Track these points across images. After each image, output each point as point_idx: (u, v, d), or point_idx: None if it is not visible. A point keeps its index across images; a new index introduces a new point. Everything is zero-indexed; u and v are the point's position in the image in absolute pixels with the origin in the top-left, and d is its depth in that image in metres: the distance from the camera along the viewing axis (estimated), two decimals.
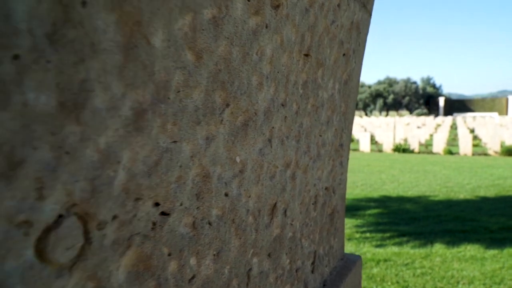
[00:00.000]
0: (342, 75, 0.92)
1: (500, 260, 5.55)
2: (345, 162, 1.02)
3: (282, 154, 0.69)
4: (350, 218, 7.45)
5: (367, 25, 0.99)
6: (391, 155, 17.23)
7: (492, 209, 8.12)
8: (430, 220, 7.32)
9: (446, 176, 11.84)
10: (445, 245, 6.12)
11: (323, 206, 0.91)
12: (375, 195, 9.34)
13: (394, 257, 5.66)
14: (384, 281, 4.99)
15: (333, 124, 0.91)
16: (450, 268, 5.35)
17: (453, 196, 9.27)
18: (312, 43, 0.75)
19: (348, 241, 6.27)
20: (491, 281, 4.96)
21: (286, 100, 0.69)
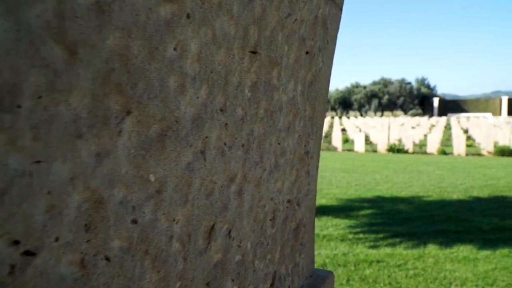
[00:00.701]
0: (305, 76, 0.81)
1: (493, 261, 5.47)
2: (313, 170, 0.91)
3: (222, 167, 0.59)
4: (344, 218, 7.37)
5: (336, 21, 0.89)
6: (386, 155, 17.15)
7: (485, 209, 8.04)
8: (423, 221, 7.24)
9: (440, 176, 11.77)
10: (438, 245, 6.03)
11: (285, 221, 0.81)
12: (369, 195, 9.26)
13: (387, 258, 5.57)
14: (377, 282, 4.90)
15: (295, 130, 0.81)
16: (443, 269, 5.26)
17: (446, 196, 9.19)
18: (260, 38, 0.65)
19: (342, 242, 6.18)
20: (483, 282, 4.88)
21: (226, 105, 0.58)
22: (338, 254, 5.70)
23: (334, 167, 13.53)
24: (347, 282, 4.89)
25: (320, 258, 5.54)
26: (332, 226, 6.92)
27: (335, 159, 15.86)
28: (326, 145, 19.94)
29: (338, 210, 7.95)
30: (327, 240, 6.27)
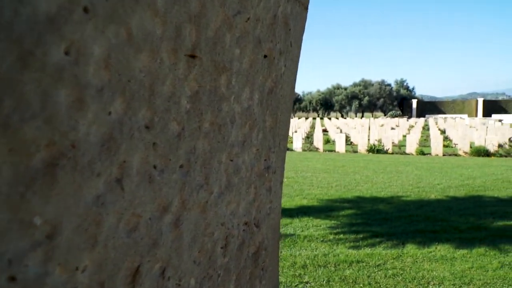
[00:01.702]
0: (264, 82, 0.70)
1: (469, 260, 5.46)
2: (277, 186, 0.80)
3: (151, 196, 0.48)
4: (324, 219, 7.31)
5: (301, 21, 0.78)
6: (366, 155, 17.20)
7: (461, 209, 8.08)
8: (402, 221, 7.22)
9: (418, 176, 11.82)
10: (416, 245, 6.01)
11: (241, 247, 0.70)
12: (349, 195, 9.23)
13: (366, 258, 5.52)
14: (357, 282, 4.85)
15: (252, 143, 0.70)
16: (421, 268, 5.23)
17: (424, 196, 9.22)
18: (200, 40, 0.54)
19: (322, 242, 6.12)
20: (460, 282, 4.86)
21: (153, 120, 0.48)
22: (318, 255, 5.63)
23: (316, 168, 13.50)
24: (327, 283, 4.82)
25: (301, 259, 5.46)
26: (313, 227, 6.85)
27: (316, 159, 15.84)
28: (308, 146, 19.93)
29: (319, 211, 7.89)
30: (307, 240, 6.20)
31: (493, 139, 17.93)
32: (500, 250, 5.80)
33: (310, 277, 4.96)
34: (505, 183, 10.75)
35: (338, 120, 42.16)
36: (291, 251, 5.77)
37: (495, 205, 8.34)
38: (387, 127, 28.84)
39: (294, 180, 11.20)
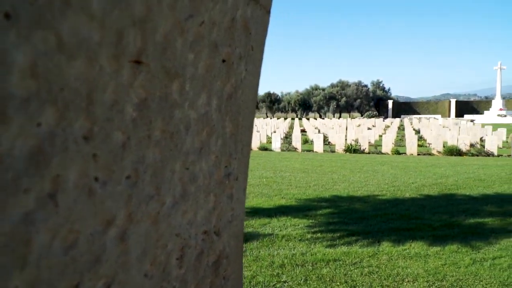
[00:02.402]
0: (223, 87, 0.68)
1: (442, 257, 5.55)
2: (240, 193, 0.78)
3: (91, 210, 0.45)
4: (302, 218, 7.33)
5: (263, 24, 0.76)
6: (343, 155, 17.35)
7: (435, 207, 8.21)
8: (378, 219, 7.29)
9: (394, 175, 11.97)
10: (392, 243, 6.08)
11: (200, 257, 0.67)
12: (326, 195, 9.27)
13: (343, 257, 5.56)
14: (333, 281, 4.87)
15: (210, 150, 0.67)
16: (396, 266, 5.29)
17: (399, 195, 9.33)
18: (147, 45, 0.51)
19: (300, 241, 6.13)
20: (434, 278, 4.93)
21: (93, 131, 0.45)
22: (296, 254, 5.64)
23: (294, 168, 13.54)
24: (304, 282, 4.82)
25: (279, 259, 5.46)
26: (291, 226, 6.86)
27: (295, 159, 15.89)
28: (286, 146, 19.99)
29: (297, 210, 7.91)
30: (286, 240, 6.20)
31: (465, 138, 18.32)
32: (472, 247, 5.92)
33: (288, 276, 4.95)
34: (476, 181, 10.98)
35: (316, 120, 42.43)
36: (269, 251, 5.76)
37: (467, 203, 8.51)
38: (364, 127, 29.18)
39: (273, 180, 11.21)
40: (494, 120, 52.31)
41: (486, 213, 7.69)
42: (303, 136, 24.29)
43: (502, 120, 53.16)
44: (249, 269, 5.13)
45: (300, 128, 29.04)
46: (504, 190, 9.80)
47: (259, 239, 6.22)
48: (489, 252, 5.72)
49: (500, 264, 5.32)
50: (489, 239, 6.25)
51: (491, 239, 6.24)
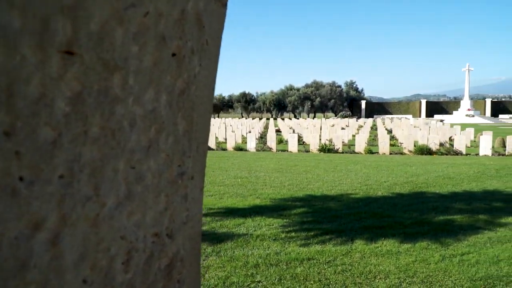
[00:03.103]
0: (174, 83, 0.63)
1: (413, 254, 5.63)
2: (196, 193, 0.74)
3: (15, 212, 0.41)
4: (277, 218, 7.33)
5: (218, 18, 0.72)
6: (317, 155, 17.47)
7: (406, 205, 8.34)
8: (351, 218, 7.36)
9: (366, 174, 12.12)
10: (364, 241, 6.13)
11: (149, 260, 0.63)
12: (300, 194, 9.30)
13: (317, 255, 5.57)
14: (307, 280, 4.87)
15: (159, 148, 0.63)
16: (368, 263, 5.34)
17: (372, 193, 9.44)
18: (79, 35, 0.46)
19: (274, 241, 6.12)
20: (405, 275, 4.99)
21: (15, 126, 0.40)
22: (270, 254, 5.62)
23: (269, 167, 13.54)
24: (279, 282, 4.81)
25: (253, 259, 5.43)
26: (265, 226, 6.84)
27: (269, 159, 15.91)
28: (261, 146, 20.00)
29: (271, 210, 7.90)
30: (260, 240, 6.17)
31: (435, 138, 18.74)
32: (441, 244, 6.03)
33: (262, 276, 4.93)
34: (446, 179, 11.23)
35: (291, 120, 42.64)
36: (243, 251, 5.72)
37: (437, 201, 8.68)
38: (338, 127, 29.50)
39: (248, 180, 11.18)
40: (462, 120, 53.81)
41: (455, 211, 7.86)
42: (278, 136, 24.36)
43: (470, 120, 54.74)
44: (223, 270, 5.08)
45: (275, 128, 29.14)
46: (472, 188, 10.06)
47: (234, 240, 6.18)
48: (458, 249, 5.84)
49: (469, 260, 5.44)
50: (457, 236, 6.38)
51: (460, 236, 6.38)
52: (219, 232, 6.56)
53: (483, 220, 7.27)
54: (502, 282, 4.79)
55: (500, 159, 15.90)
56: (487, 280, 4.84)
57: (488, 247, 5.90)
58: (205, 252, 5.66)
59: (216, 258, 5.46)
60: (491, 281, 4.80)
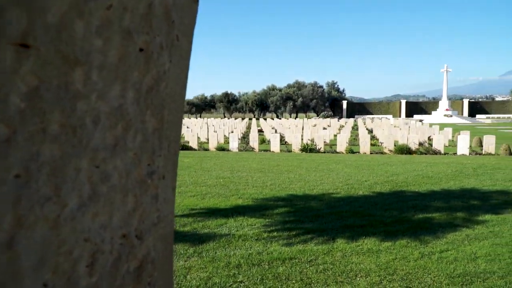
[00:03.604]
0: (142, 79, 0.61)
1: (393, 252, 5.69)
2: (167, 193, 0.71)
3: None
4: (259, 218, 7.31)
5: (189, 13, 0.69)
6: (299, 155, 17.54)
7: (386, 203, 8.42)
8: (332, 217, 7.39)
9: (348, 174, 12.20)
10: (346, 240, 6.17)
11: (117, 263, 0.60)
12: (283, 194, 9.31)
13: (299, 255, 5.58)
14: (289, 279, 4.87)
15: (127, 147, 0.60)
16: (350, 262, 5.37)
17: (353, 192, 9.51)
18: (35, 26, 0.44)
19: (256, 241, 6.10)
20: (385, 273, 5.04)
21: None
22: (252, 254, 5.60)
23: (251, 167, 13.52)
24: (261, 281, 4.80)
25: (235, 259, 5.40)
26: (248, 226, 6.82)
27: (252, 159, 15.89)
28: (244, 146, 19.97)
29: (253, 210, 7.88)
30: (242, 240, 6.15)
31: (415, 137, 19.00)
32: (420, 241, 6.11)
33: (244, 276, 4.91)
34: (425, 178, 11.39)
35: (273, 120, 42.71)
36: (225, 251, 5.69)
37: (416, 199, 8.80)
38: (320, 127, 29.67)
39: (230, 180, 11.14)
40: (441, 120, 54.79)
41: (434, 209, 7.98)
42: (260, 136, 24.37)
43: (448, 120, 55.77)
44: (205, 271, 5.04)
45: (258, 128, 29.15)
46: (450, 186, 10.23)
47: (216, 240, 6.14)
48: (437, 246, 5.93)
49: (447, 257, 5.52)
50: (436, 233, 6.48)
51: (438, 233, 6.48)
52: (201, 232, 6.52)
53: (461, 218, 7.39)
54: (480, 278, 4.87)
55: (477, 158, 16.22)
56: (465, 277, 4.92)
57: (466, 244, 6.01)
58: (187, 253, 5.61)
59: (198, 259, 5.42)
60: (469, 278, 4.88)
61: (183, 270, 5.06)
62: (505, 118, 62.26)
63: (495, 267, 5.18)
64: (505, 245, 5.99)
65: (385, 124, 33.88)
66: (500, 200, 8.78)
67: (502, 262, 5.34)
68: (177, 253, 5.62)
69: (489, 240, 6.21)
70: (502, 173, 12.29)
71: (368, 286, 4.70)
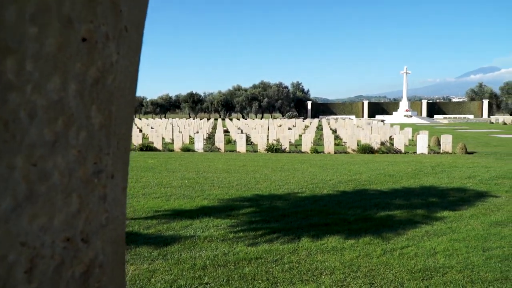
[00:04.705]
0: (85, 71, 0.57)
1: (357, 249, 5.78)
2: (117, 193, 0.67)
3: None
4: (225, 218, 7.26)
5: (139, 3, 0.65)
6: (265, 155, 17.59)
7: (350, 202, 8.56)
8: (298, 216, 7.44)
9: (313, 173, 12.33)
10: (311, 238, 6.22)
11: (59, 268, 0.56)
12: (249, 194, 9.29)
13: (265, 254, 5.57)
14: (255, 279, 4.85)
15: (69, 144, 0.56)
16: (315, 260, 5.41)
17: (318, 192, 9.61)
18: None
19: (222, 242, 6.05)
20: (349, 270, 5.11)
21: None
22: (218, 255, 5.55)
23: (217, 168, 13.44)
24: (227, 282, 4.75)
25: (201, 260, 5.34)
26: (213, 227, 6.76)
27: (218, 160, 15.80)
28: (209, 146, 19.83)
29: (219, 211, 7.82)
30: (208, 241, 6.09)
31: (377, 137, 19.44)
32: (383, 238, 6.23)
33: (210, 278, 4.85)
34: (386, 177, 11.66)
35: (239, 121, 42.68)
36: (191, 253, 5.61)
37: (378, 197, 8.99)
38: (285, 127, 29.88)
39: (195, 181, 11.02)
40: (401, 120, 56.41)
41: (395, 206, 8.18)
42: (226, 136, 24.28)
43: (408, 120, 57.50)
44: (170, 273, 4.95)
45: (223, 129, 29.01)
46: (410, 184, 10.52)
47: (181, 242, 6.05)
48: (398, 242, 6.07)
49: (408, 253, 5.66)
50: (398, 230, 6.63)
51: (400, 230, 6.64)
52: (166, 234, 6.40)
53: (420, 214, 7.61)
54: (439, 273, 5.02)
55: (435, 156, 16.79)
56: (425, 271, 5.06)
57: (425, 240, 6.18)
58: (151, 256, 5.49)
59: (162, 262, 5.31)
60: (428, 273, 5.02)
61: (147, 274, 4.94)
62: (461, 118, 64.85)
63: (453, 262, 5.35)
64: (462, 240, 6.21)
65: (348, 124, 34.53)
66: (457, 197, 9.10)
67: (460, 257, 5.53)
68: (141, 256, 5.49)
69: (447, 235, 6.42)
70: (459, 171, 12.76)
71: (332, 283, 4.75)
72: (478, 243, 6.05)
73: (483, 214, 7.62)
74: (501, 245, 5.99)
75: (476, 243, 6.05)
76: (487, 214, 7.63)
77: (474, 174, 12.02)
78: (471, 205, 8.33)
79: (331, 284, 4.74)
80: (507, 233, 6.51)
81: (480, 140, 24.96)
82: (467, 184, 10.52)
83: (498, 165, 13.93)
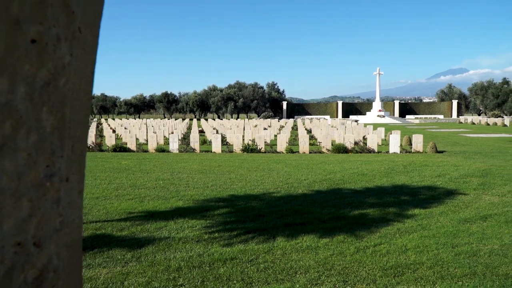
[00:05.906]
0: (35, 73, 0.56)
1: (331, 248, 5.85)
2: (72, 196, 0.66)
3: None
4: (200, 219, 7.23)
5: (93, 4, 0.65)
6: (241, 155, 17.58)
7: (324, 201, 8.65)
8: (273, 216, 7.47)
9: (288, 173, 12.40)
10: (286, 238, 6.26)
11: (10, 273, 0.55)
12: (224, 194, 9.28)
13: (240, 255, 5.58)
14: (230, 280, 4.85)
15: (18, 147, 0.55)
16: (290, 259, 5.45)
17: (293, 191, 9.67)
18: None
19: (197, 243, 6.03)
20: (323, 268, 5.17)
21: None
22: (193, 256, 5.52)
23: (192, 169, 13.35)
24: (201, 284, 4.73)
25: (176, 262, 5.30)
26: (188, 228, 6.72)
27: (193, 160, 15.70)
28: (184, 147, 19.67)
29: (194, 211, 7.78)
30: (182, 242, 6.05)
31: (350, 137, 19.71)
32: (356, 237, 6.33)
33: (184, 279, 4.82)
34: (360, 176, 11.84)
35: (215, 121, 42.50)
36: (165, 255, 5.56)
37: (352, 196, 9.12)
38: (260, 127, 29.94)
39: (170, 182, 10.92)
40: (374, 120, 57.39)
41: (368, 205, 8.32)
42: (202, 136, 24.14)
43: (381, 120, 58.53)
44: (144, 275, 4.90)
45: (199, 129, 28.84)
46: (383, 183, 10.72)
47: (155, 244, 5.99)
48: (371, 240, 6.18)
49: (380, 250, 5.77)
50: (370, 228, 6.75)
51: (373, 228, 6.76)
52: (140, 236, 6.32)
53: (392, 212, 7.77)
54: (410, 269, 5.14)
55: (407, 155, 17.15)
56: (397, 268, 5.17)
57: (397, 238, 6.31)
58: (124, 259, 5.41)
59: (136, 264, 5.24)
60: (400, 269, 5.14)
61: (121, 276, 4.87)
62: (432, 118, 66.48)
63: (424, 258, 5.49)
64: (432, 237, 6.37)
65: (323, 124, 34.87)
66: (428, 195, 9.33)
67: (430, 253, 5.67)
68: (114, 258, 5.41)
69: (418, 232, 6.58)
70: (429, 169, 13.08)
71: (307, 282, 4.80)
72: (448, 240, 6.23)
73: (452, 212, 7.84)
74: (469, 241, 6.17)
75: (445, 240, 6.23)
76: (456, 212, 7.85)
77: (444, 173, 12.34)
78: (441, 202, 8.56)
79: (305, 282, 4.79)
80: (475, 230, 6.72)
81: (450, 140, 25.64)
82: (437, 183, 10.80)
83: (466, 163, 14.34)
